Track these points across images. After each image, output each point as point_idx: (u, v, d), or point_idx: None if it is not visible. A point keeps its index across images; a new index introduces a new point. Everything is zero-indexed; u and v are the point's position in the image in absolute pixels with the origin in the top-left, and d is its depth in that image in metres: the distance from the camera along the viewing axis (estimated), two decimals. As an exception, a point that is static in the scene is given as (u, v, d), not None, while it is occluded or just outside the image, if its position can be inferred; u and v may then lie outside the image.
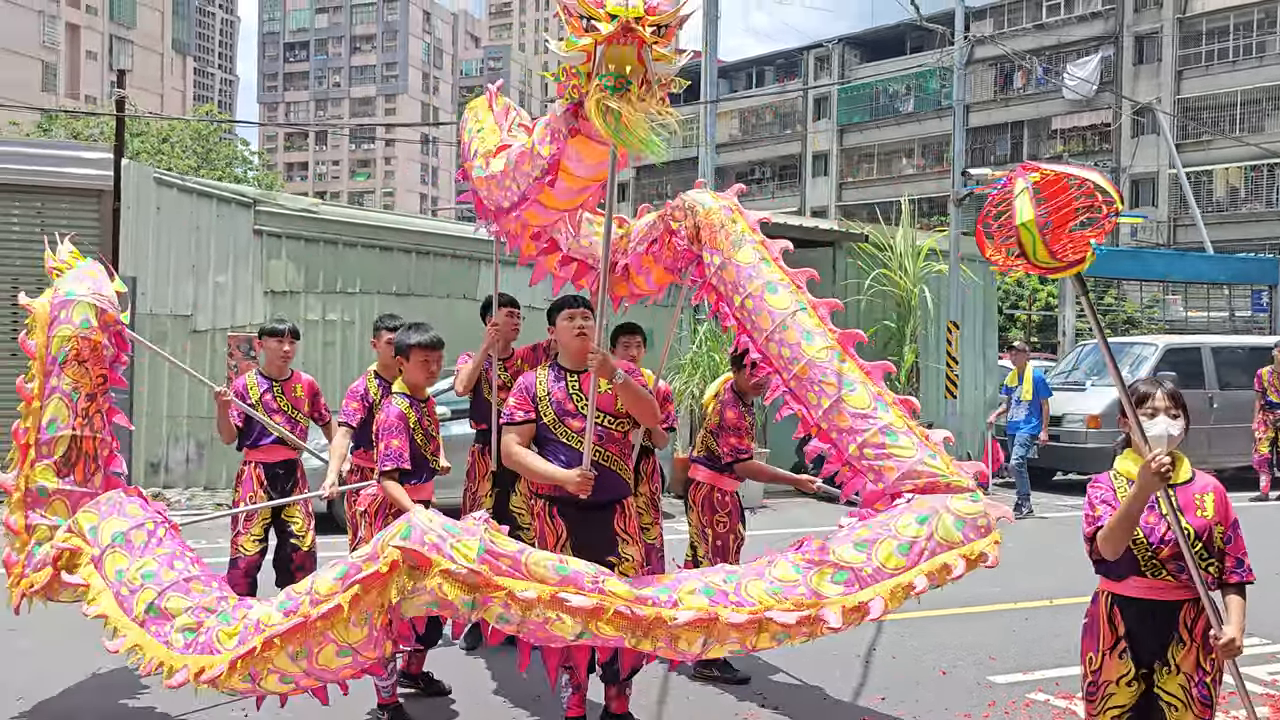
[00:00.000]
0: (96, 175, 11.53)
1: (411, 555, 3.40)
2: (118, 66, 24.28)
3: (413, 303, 12.30)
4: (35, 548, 4.44)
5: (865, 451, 4.21)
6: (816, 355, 4.36)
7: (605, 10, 3.38)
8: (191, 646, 3.78)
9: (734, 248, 4.67)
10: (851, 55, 49.17)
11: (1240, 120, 37.75)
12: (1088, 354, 15.11)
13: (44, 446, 4.48)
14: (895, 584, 3.75)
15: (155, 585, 4.02)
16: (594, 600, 3.46)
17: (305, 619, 3.49)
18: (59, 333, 4.57)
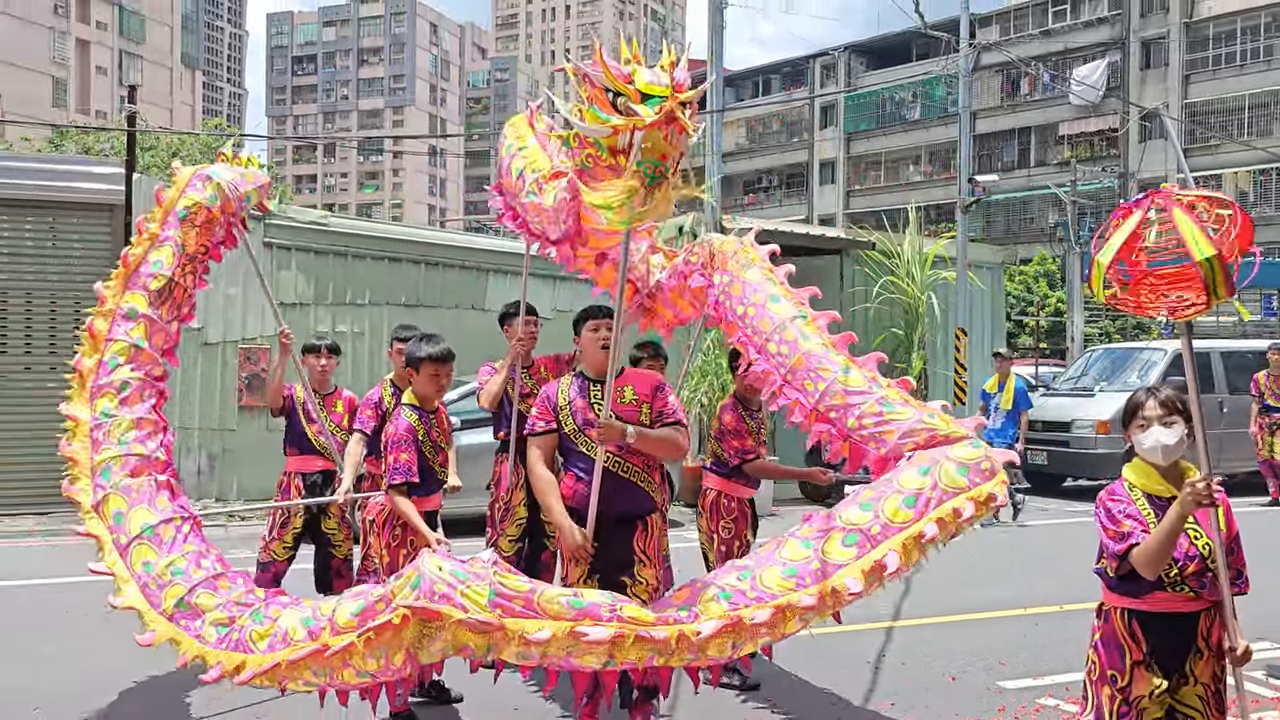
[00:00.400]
0: (108, 190, 11.62)
1: (422, 612, 3.42)
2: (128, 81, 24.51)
3: (422, 314, 12.35)
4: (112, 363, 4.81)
5: (864, 422, 4.26)
6: (812, 348, 4.51)
7: (635, 88, 3.29)
8: (225, 642, 3.91)
9: (742, 269, 4.92)
10: (858, 63, 49.24)
11: (1248, 124, 37.70)
12: (1096, 359, 15.10)
13: (145, 278, 4.96)
14: (906, 536, 3.71)
15: (184, 581, 4.15)
16: (612, 629, 3.44)
17: (324, 648, 3.58)
18: (189, 196, 5.13)
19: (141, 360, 4.87)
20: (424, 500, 4.72)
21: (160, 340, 4.97)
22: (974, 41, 17.55)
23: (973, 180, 16.02)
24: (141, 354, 4.85)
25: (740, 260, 4.97)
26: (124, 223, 11.42)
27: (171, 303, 5.00)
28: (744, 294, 4.82)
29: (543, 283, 13.51)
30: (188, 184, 5.19)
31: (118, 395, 4.74)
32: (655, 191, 3.33)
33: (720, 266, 5.01)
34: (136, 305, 4.93)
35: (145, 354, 4.86)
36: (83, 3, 69.93)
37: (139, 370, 4.83)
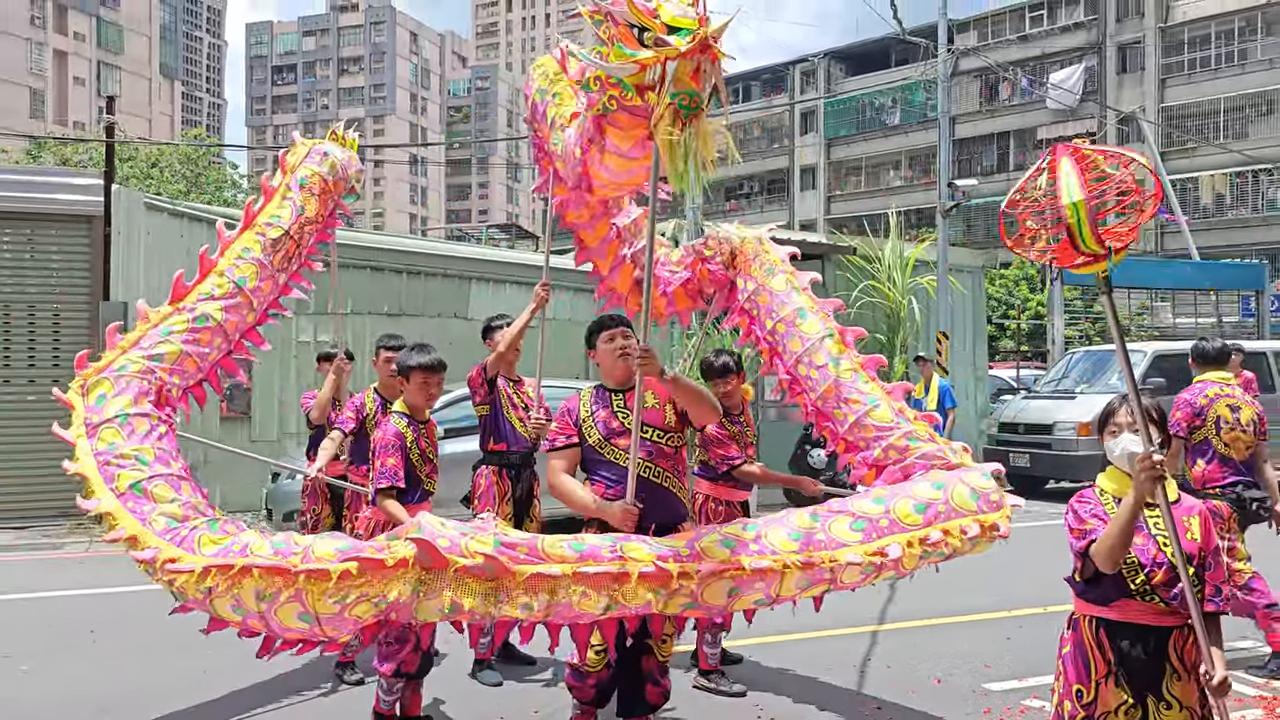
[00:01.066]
0: (86, 201, 11.54)
1: (427, 551, 3.34)
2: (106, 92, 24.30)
3: (404, 323, 12.33)
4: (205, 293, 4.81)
5: (890, 454, 4.45)
6: (842, 375, 4.64)
7: (661, 20, 3.16)
8: (170, 534, 3.80)
9: (767, 275, 5.01)
10: (837, 69, 49.48)
11: (1224, 127, 38.05)
12: (1077, 362, 15.19)
13: (263, 226, 5.07)
14: (912, 535, 3.80)
15: (145, 469, 4.10)
16: (617, 566, 3.43)
17: (290, 567, 3.48)
18: (308, 166, 5.34)
19: (237, 302, 4.84)
20: (411, 510, 4.56)
21: (268, 287, 5.04)
22: (952, 47, 17.66)
23: (952, 185, 16.11)
24: (240, 294, 4.86)
25: (763, 265, 5.05)
26: (103, 234, 11.35)
27: (283, 255, 5.10)
28: (772, 306, 4.94)
29: (526, 290, 13.50)
30: (307, 155, 5.39)
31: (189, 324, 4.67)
32: (693, 123, 3.21)
33: (744, 270, 5.09)
34: (252, 248, 5.00)
35: (244, 295, 4.87)
36: (60, 13, 69.59)
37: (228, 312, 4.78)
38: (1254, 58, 37.64)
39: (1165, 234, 37.46)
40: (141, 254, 11.49)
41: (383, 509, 4.58)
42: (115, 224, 11.39)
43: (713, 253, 5.25)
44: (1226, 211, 38.36)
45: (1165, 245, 37.25)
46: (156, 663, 5.94)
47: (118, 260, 11.37)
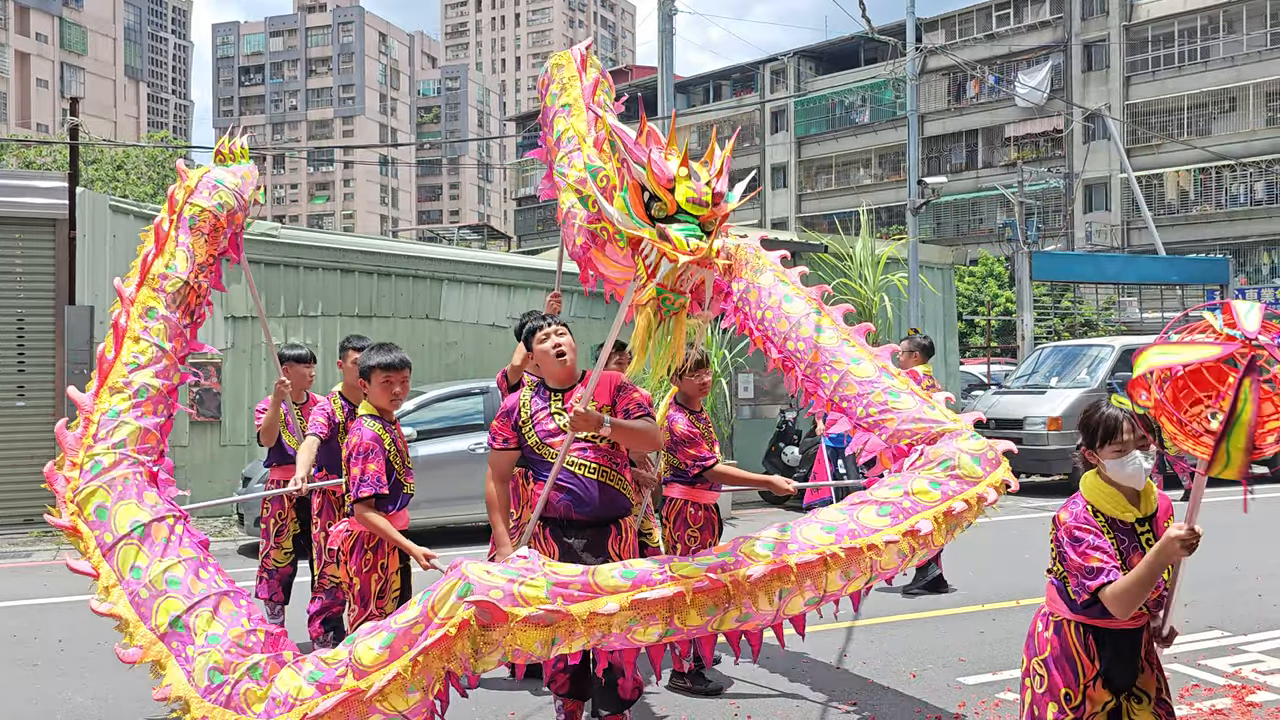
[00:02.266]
0: (51, 204, 11.40)
1: (487, 610, 3.17)
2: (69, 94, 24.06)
3: (376, 324, 12.27)
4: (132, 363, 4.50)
5: (870, 410, 4.53)
6: (826, 341, 4.75)
7: (675, 197, 3.08)
8: (215, 694, 3.42)
9: (755, 274, 5.13)
10: (806, 68, 49.69)
11: (1188, 124, 38.55)
12: (1047, 357, 15.33)
13: (161, 280, 4.77)
14: (937, 511, 3.85)
15: (183, 596, 3.66)
16: (673, 588, 3.33)
17: (352, 693, 3.20)
18: (197, 201, 4.99)
19: (165, 365, 4.58)
20: (394, 517, 4.41)
21: (179, 345, 4.74)
22: (920, 46, 17.77)
23: (922, 182, 16.21)
24: (165, 356, 4.59)
25: (754, 266, 5.18)
26: (67, 237, 11.22)
27: (185, 308, 4.82)
28: (760, 299, 5.06)
29: (497, 291, 13.48)
30: (195, 189, 5.05)
31: (132, 399, 4.37)
32: (672, 319, 3.18)
33: (736, 273, 5.21)
34: (156, 306, 4.72)
35: (168, 356, 4.61)
36: (21, 14, 68.69)
37: (160, 377, 4.52)
38: (1216, 55, 38.17)
39: (1132, 230, 37.91)
40: (108, 257, 11.37)
41: (364, 520, 4.28)
42: (81, 227, 11.26)
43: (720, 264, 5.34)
44: (1191, 207, 38.85)
45: (1132, 242, 37.70)
46: (127, 673, 5.87)
47: (83, 264, 11.25)
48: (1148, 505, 3.07)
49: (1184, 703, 5.15)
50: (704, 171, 3.17)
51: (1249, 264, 37.16)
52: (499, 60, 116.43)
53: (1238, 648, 6.15)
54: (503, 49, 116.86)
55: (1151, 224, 27.55)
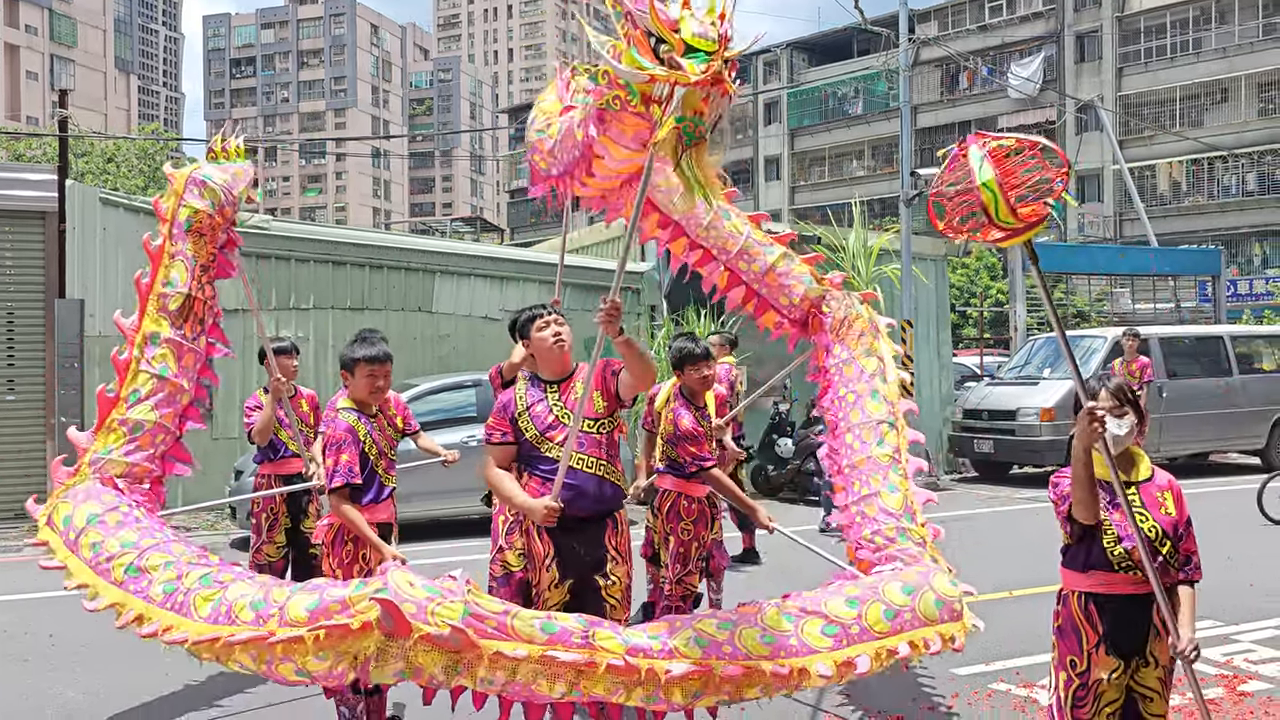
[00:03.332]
0: (40, 197, 11.33)
1: (391, 614, 3.18)
2: (59, 86, 23.89)
3: (367, 317, 12.23)
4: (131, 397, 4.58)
5: (877, 538, 4.69)
6: (878, 455, 4.96)
7: (680, 37, 3.08)
8: (169, 600, 3.69)
9: (865, 355, 5.37)
10: (799, 59, 49.63)
11: (1180, 115, 38.59)
12: (1039, 348, 15.35)
13: (162, 299, 4.76)
14: (880, 645, 3.85)
15: (134, 549, 3.98)
16: (585, 655, 3.32)
17: (269, 635, 3.35)
18: (189, 203, 4.93)
19: (165, 394, 4.66)
20: (374, 509, 4.44)
21: (190, 361, 4.77)
22: (913, 37, 17.73)
23: (915, 174, 16.18)
24: (166, 385, 4.64)
25: (865, 345, 5.39)
26: (57, 230, 11.16)
27: (194, 319, 4.83)
28: (852, 378, 5.30)
29: (490, 284, 13.45)
30: (184, 191, 4.99)
31: (126, 437, 4.56)
32: (694, 149, 3.20)
33: (843, 337, 5.43)
34: (160, 330, 4.74)
35: (169, 384, 4.65)
36: (11, 6, 68.33)
37: (159, 408, 4.61)
38: (1208, 46, 38.19)
39: (1124, 221, 37.95)
40: (98, 250, 11.31)
41: (337, 511, 4.32)
42: (70, 220, 11.19)
43: (829, 311, 5.54)
44: (1183, 198, 38.91)
45: (1124, 233, 37.75)
46: (118, 667, 5.86)
47: (73, 257, 11.19)
48: (1136, 473, 3.26)
49: (1176, 691, 5.16)
50: (708, 16, 3.19)
51: (1240, 255, 37.24)
52: (491, 52, 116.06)
53: (1229, 637, 6.18)
54: (495, 41, 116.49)
55: (1144, 215, 27.57)
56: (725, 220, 5.54)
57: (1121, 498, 3.12)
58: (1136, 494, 3.21)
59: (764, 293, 5.66)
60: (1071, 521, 3.21)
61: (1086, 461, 3.10)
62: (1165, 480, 3.28)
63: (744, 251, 5.54)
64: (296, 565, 6.24)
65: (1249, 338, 16.02)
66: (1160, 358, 14.27)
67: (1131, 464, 3.25)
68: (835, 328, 5.48)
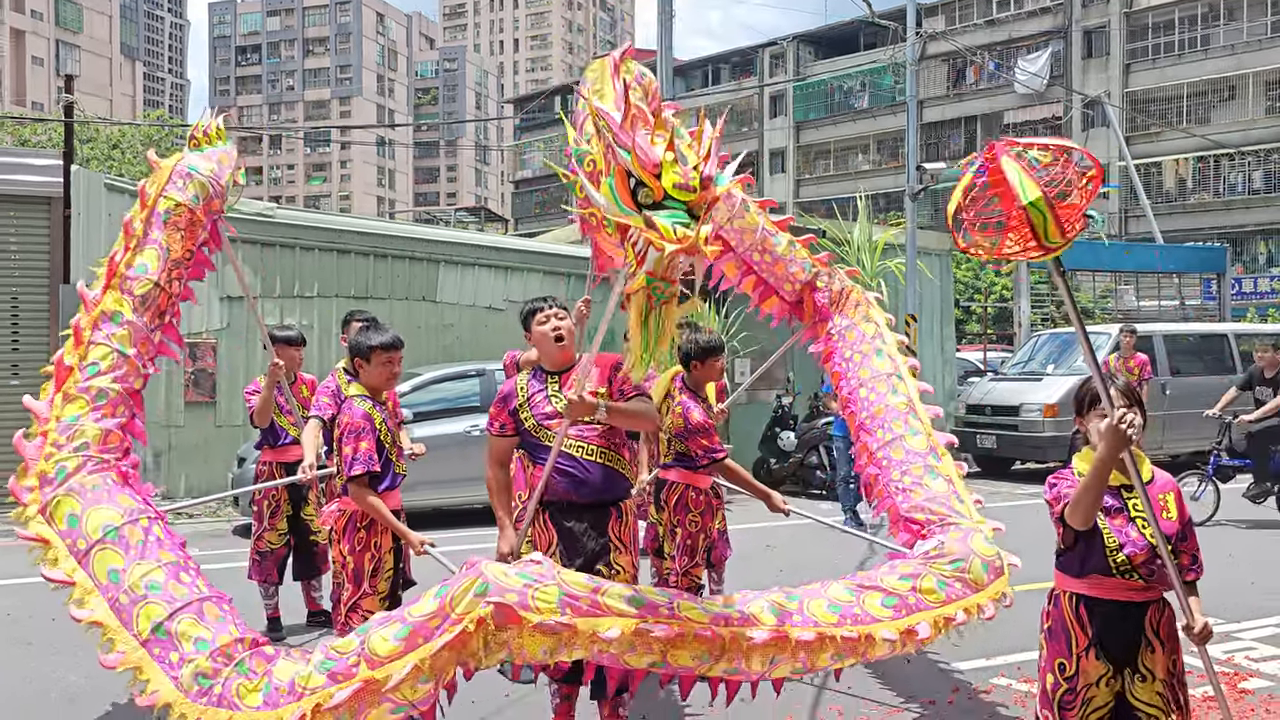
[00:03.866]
0: (46, 182, 11.34)
1: (504, 613, 3.19)
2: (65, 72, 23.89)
3: (372, 305, 12.20)
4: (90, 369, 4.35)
5: (904, 480, 4.76)
6: (895, 403, 5.05)
7: (661, 184, 2.98)
8: (206, 696, 3.39)
9: (863, 320, 5.51)
10: (806, 52, 49.50)
11: (1187, 112, 38.46)
12: (1043, 344, 15.33)
13: (129, 282, 4.60)
14: (938, 614, 3.99)
15: (165, 601, 3.62)
16: (675, 627, 3.36)
17: (367, 683, 3.18)
18: (170, 195, 4.79)
19: (125, 370, 4.47)
20: (387, 497, 4.45)
21: (145, 349, 4.59)
22: (920, 31, 17.69)
23: (921, 168, 16.16)
24: (126, 362, 4.47)
25: (864, 313, 5.53)
26: (62, 215, 11.16)
27: (155, 310, 4.65)
28: (855, 341, 5.42)
29: (494, 273, 13.44)
30: (168, 181, 4.83)
31: (90, 404, 4.31)
32: (662, 308, 3.10)
33: (842, 308, 5.55)
34: (121, 310, 4.55)
35: (129, 362, 4.49)
36: (16, -9, 68.24)
37: (119, 382, 4.43)
38: (1216, 43, 38.05)
39: (1130, 218, 37.86)
40: (103, 236, 11.30)
41: (358, 499, 4.31)
42: (76, 205, 11.20)
43: (824, 285, 5.69)
44: (1189, 196, 38.81)
45: (1130, 229, 37.66)
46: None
47: (78, 242, 11.20)
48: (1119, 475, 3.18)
49: (1177, 689, 5.17)
50: (691, 155, 3.04)
51: (1245, 253, 37.16)
52: (497, 42, 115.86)
53: (1231, 635, 6.17)
54: (501, 31, 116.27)
55: (1150, 212, 27.52)
56: (745, 212, 5.64)
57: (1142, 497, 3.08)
58: (1141, 498, 3.14)
59: (771, 280, 5.76)
60: (1064, 525, 3.13)
61: (1107, 471, 3.00)
62: (1165, 481, 3.24)
63: (759, 243, 5.64)
64: (298, 552, 6.26)
65: (1253, 336, 15.99)
66: (1164, 355, 14.25)
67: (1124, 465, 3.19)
68: (834, 299, 5.64)
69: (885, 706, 4.99)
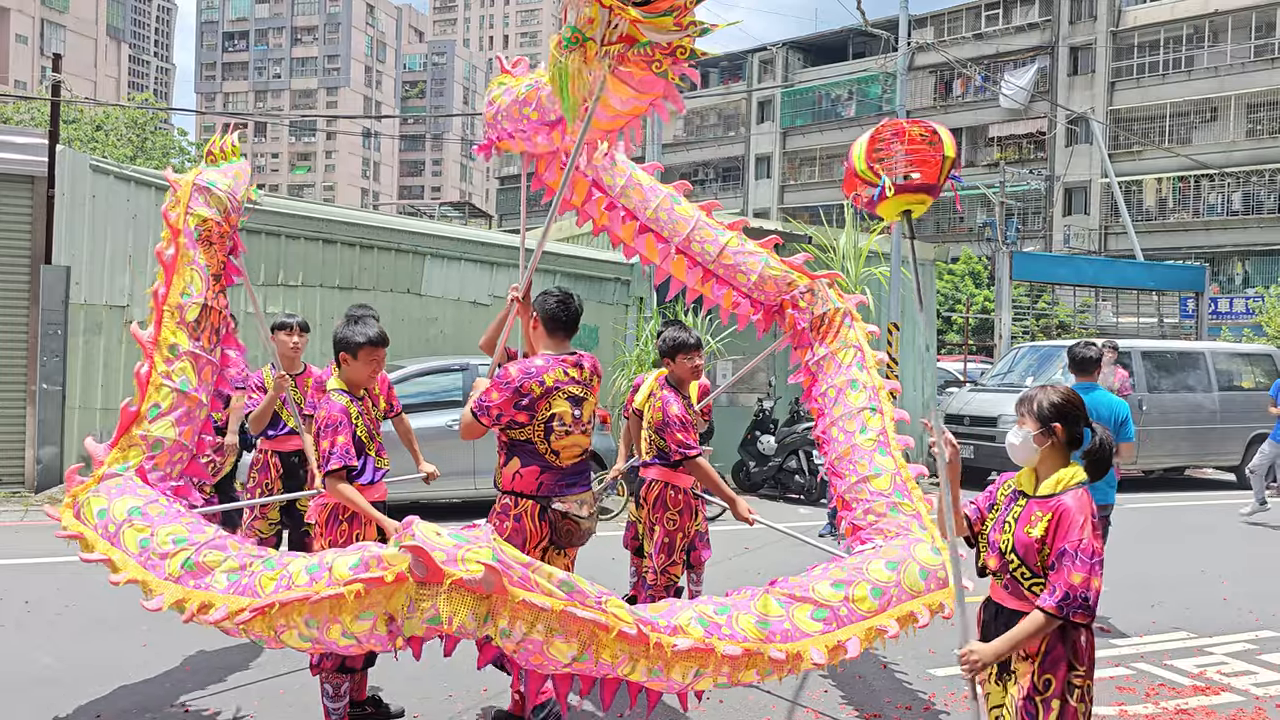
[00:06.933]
0: (29, 160, 11.22)
1: (422, 560, 3.22)
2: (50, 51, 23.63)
3: (357, 296, 12.17)
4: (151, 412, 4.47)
5: (868, 516, 4.78)
6: (862, 443, 5.01)
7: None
8: (234, 587, 3.67)
9: (841, 348, 5.41)
10: (795, 59, 49.68)
11: (1170, 132, 38.83)
12: (1023, 356, 15.44)
13: (180, 310, 4.65)
14: (869, 625, 3.94)
15: (189, 545, 3.90)
16: (600, 618, 3.37)
17: (314, 594, 3.38)
18: (197, 212, 4.83)
19: (185, 410, 4.55)
20: (369, 490, 4.47)
21: (208, 373, 4.68)
22: (910, 42, 17.77)
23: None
24: (186, 399, 4.55)
25: (844, 341, 5.43)
26: (46, 195, 11.06)
27: (210, 329, 4.72)
28: (832, 374, 5.38)
29: (480, 268, 13.41)
30: (189, 199, 4.86)
31: (145, 453, 4.43)
32: (572, 54, 3.44)
33: (823, 336, 5.47)
34: (179, 342, 4.61)
35: (190, 399, 4.56)
36: (2, -32, 67.54)
37: (179, 425, 4.51)
38: (1200, 65, 38.44)
39: (1110, 235, 38.19)
40: (87, 217, 11.22)
41: (335, 492, 4.33)
42: (60, 185, 11.09)
43: (806, 306, 5.58)
44: (1169, 214, 39.18)
45: (1110, 246, 37.99)
46: (97, 634, 5.84)
47: (61, 222, 11.09)
48: (1032, 486, 3.18)
49: (1150, 701, 5.23)
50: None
51: (1223, 273, 37.55)
52: (487, 37, 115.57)
53: (1203, 649, 6.24)
54: (491, 26, 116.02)
55: (1131, 229, 27.76)
56: (675, 204, 5.64)
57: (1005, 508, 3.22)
58: (1021, 507, 3.14)
59: (720, 272, 5.70)
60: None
61: (948, 485, 3.32)
62: (1055, 504, 3.04)
63: (695, 234, 5.62)
64: (292, 545, 6.16)
65: (1230, 355, 16.17)
66: (1142, 372, 14.38)
67: (1035, 477, 3.18)
68: (815, 326, 5.56)
69: (863, 711, 5.01)
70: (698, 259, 5.65)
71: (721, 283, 5.72)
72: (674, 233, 5.61)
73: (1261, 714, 5.11)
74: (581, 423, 4.33)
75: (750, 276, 5.65)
